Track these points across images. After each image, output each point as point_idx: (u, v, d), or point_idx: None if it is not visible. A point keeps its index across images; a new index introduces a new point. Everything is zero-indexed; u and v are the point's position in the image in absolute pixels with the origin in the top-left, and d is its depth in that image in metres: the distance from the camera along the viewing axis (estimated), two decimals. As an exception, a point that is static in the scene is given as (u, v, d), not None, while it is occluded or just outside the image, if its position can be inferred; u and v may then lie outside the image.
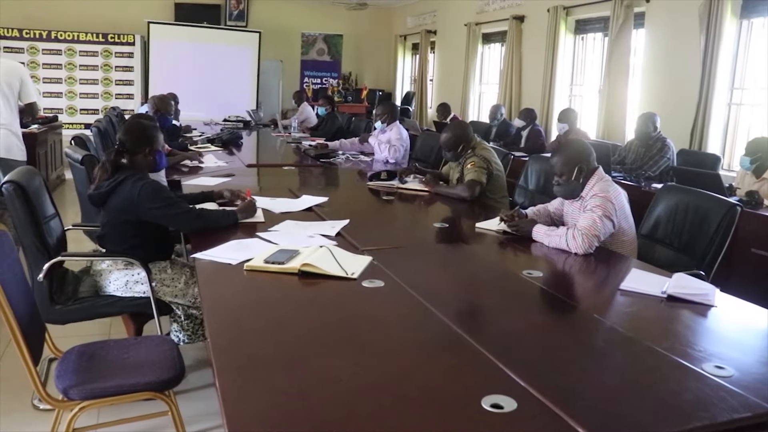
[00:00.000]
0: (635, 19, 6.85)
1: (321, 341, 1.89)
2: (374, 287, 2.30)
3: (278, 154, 6.67)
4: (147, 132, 3.21)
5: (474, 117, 10.21)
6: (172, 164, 4.89)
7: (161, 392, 2.30)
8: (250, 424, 1.41)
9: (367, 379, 1.64)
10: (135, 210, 2.95)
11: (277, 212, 3.39)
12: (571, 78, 8.30)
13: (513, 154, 5.46)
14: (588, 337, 2.06)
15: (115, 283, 3.02)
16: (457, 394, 1.59)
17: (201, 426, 2.87)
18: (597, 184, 3.03)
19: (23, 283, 2.42)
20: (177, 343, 2.66)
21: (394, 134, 5.81)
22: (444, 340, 1.92)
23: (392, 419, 1.46)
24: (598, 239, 2.87)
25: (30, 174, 3.02)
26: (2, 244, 2.24)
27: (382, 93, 13.05)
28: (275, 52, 12.52)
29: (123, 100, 11.33)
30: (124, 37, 11.46)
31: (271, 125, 9.40)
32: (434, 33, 11.79)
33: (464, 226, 3.69)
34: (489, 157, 4.17)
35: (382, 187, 4.32)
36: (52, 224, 3.07)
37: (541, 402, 1.53)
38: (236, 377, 1.62)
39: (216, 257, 2.58)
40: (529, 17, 8.79)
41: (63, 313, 2.96)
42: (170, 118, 6.56)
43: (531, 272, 2.57)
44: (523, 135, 7.51)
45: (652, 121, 5.59)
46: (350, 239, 2.91)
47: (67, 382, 2.23)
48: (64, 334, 2.78)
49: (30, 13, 10.96)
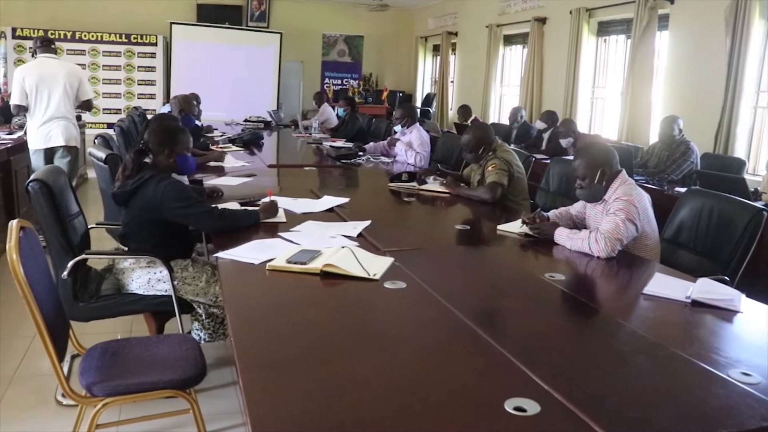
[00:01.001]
0: (659, 21, 6.79)
1: (343, 342, 1.89)
2: (396, 288, 2.29)
3: (299, 155, 6.69)
4: (169, 133, 3.24)
5: (495, 119, 10.18)
6: (199, 164, 4.96)
7: (183, 390, 2.31)
8: (274, 424, 1.42)
9: (389, 381, 1.64)
10: (158, 209, 2.98)
11: (299, 213, 3.40)
12: (593, 80, 8.24)
13: (534, 156, 5.44)
14: (611, 342, 2.04)
15: (137, 281, 3.04)
16: (480, 397, 1.58)
17: (221, 424, 2.89)
18: (620, 188, 3.00)
19: (48, 281, 2.44)
20: (198, 342, 2.67)
21: (414, 137, 5.81)
22: (466, 342, 1.91)
23: (415, 421, 1.46)
24: (620, 243, 2.84)
25: (55, 173, 3.06)
26: (29, 241, 2.26)
27: (402, 94, 13.04)
28: (296, 53, 12.56)
29: (145, 100, 11.43)
30: (146, 38, 11.55)
31: (292, 126, 9.43)
32: (455, 34, 11.76)
33: (485, 228, 3.67)
34: (510, 159, 4.16)
35: (403, 189, 4.32)
36: (76, 223, 3.10)
37: (564, 406, 1.52)
38: (259, 377, 1.62)
39: (238, 257, 2.59)
40: (551, 19, 8.75)
41: (86, 311, 2.99)
42: (193, 119, 6.64)
43: (553, 275, 2.56)
44: (545, 137, 7.47)
45: (675, 124, 5.54)
46: (372, 240, 2.91)
47: (91, 379, 2.25)
48: (86, 331, 2.80)
49: (55, 15, 11.08)
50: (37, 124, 5.38)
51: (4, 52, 10.78)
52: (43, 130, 5.38)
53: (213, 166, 5.10)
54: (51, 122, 5.36)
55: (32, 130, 5.42)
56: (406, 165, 5.58)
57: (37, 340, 3.43)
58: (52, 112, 5.35)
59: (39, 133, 5.39)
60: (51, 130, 5.38)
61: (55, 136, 5.40)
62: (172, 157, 3.16)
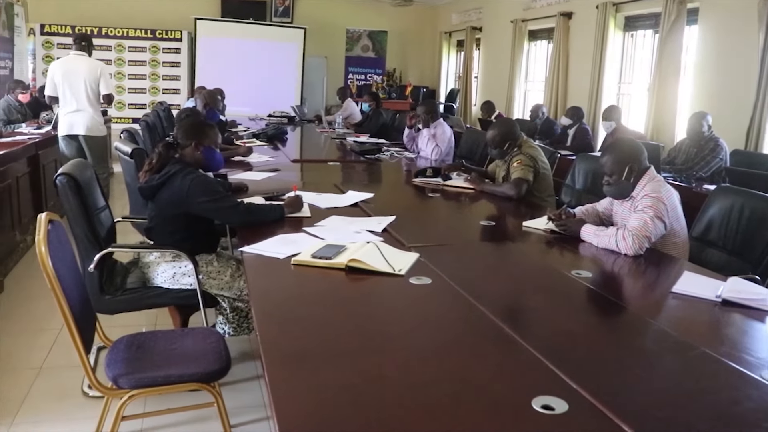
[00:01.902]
0: (688, 15, 6.68)
1: (369, 337, 1.89)
2: (422, 284, 2.28)
3: (323, 150, 6.70)
4: (196, 126, 3.26)
5: (519, 115, 10.10)
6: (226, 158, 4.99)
7: (207, 383, 2.32)
8: (300, 418, 1.42)
9: (416, 376, 1.63)
10: (184, 203, 2.99)
11: (323, 207, 3.40)
12: (619, 76, 8.14)
13: (559, 152, 5.39)
14: (640, 340, 2.02)
15: (162, 275, 3.06)
16: (507, 394, 1.57)
17: (244, 418, 2.90)
18: (648, 184, 2.96)
19: (76, 273, 2.47)
20: (222, 335, 2.68)
21: (438, 132, 5.79)
22: (493, 338, 1.90)
23: (442, 417, 1.45)
24: (648, 240, 2.81)
25: (82, 167, 3.09)
26: (57, 234, 2.28)
27: (426, 90, 13.00)
28: (320, 48, 12.56)
29: (170, 95, 11.50)
30: (171, 33, 11.61)
31: (316, 121, 9.44)
32: (479, 30, 11.69)
33: (511, 224, 3.65)
34: (536, 155, 4.12)
35: (428, 184, 4.30)
36: (102, 216, 3.12)
37: (593, 405, 1.50)
38: (285, 371, 1.62)
39: (263, 251, 2.59)
40: (577, 14, 8.65)
41: (112, 303, 3.01)
42: (218, 114, 6.69)
43: (580, 272, 2.53)
44: (570, 133, 7.41)
45: (704, 120, 5.45)
46: (396, 235, 2.90)
47: (117, 371, 2.27)
48: (111, 323, 2.82)
49: (83, 11, 11.19)
50: (63, 113, 6.01)
51: (33, 48, 10.91)
52: (68, 118, 5.99)
53: (237, 161, 5.12)
54: (75, 113, 5.97)
55: (60, 119, 6.06)
56: (430, 160, 5.57)
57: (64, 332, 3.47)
58: (76, 104, 5.95)
59: (64, 121, 6.01)
60: (74, 120, 5.98)
61: (77, 125, 6.00)
62: (199, 150, 3.17)
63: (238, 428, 2.76)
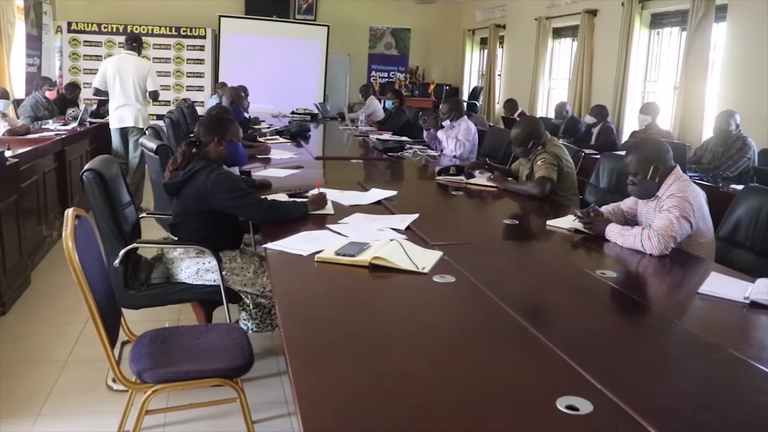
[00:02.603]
0: (716, 12, 6.58)
1: (392, 335, 1.89)
2: (445, 283, 2.28)
3: (345, 148, 6.70)
4: (217, 121, 3.28)
5: (542, 113, 10.03)
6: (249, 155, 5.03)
7: (230, 379, 2.33)
8: (323, 415, 1.42)
9: (439, 375, 1.63)
10: (208, 200, 3.01)
11: (347, 205, 3.41)
12: (644, 74, 8.05)
13: (583, 151, 5.35)
14: (666, 342, 2.00)
15: (186, 271, 3.08)
16: (531, 394, 1.56)
17: (265, 414, 2.91)
18: (674, 184, 2.93)
19: (102, 268, 2.49)
20: (246, 332, 2.69)
21: (462, 128, 5.78)
22: (517, 338, 1.89)
23: (466, 415, 1.44)
24: (674, 240, 2.77)
25: (108, 162, 3.11)
26: (84, 229, 2.31)
27: (449, 88, 12.95)
28: (343, 45, 12.57)
29: (194, 92, 11.58)
30: (195, 31, 11.68)
31: (338, 118, 9.46)
32: (503, 27, 11.63)
33: (534, 223, 3.62)
34: (560, 153, 4.09)
35: (451, 182, 4.29)
36: (127, 212, 3.15)
37: (618, 406, 1.48)
38: (308, 367, 1.63)
39: (287, 248, 2.60)
40: (602, 11, 8.57)
41: (136, 298, 3.04)
42: (243, 111, 6.74)
43: (604, 272, 2.51)
44: (594, 132, 7.34)
45: (732, 119, 5.38)
46: (420, 233, 2.89)
47: (142, 365, 2.29)
48: (135, 318, 2.84)
49: (109, 9, 11.31)
50: (113, 108, 6.55)
51: (59, 46, 11.04)
52: (118, 113, 6.52)
53: (261, 158, 5.14)
54: (123, 107, 6.48)
55: (111, 113, 6.62)
56: (453, 159, 5.55)
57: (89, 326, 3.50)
58: (124, 99, 6.46)
59: (115, 115, 6.55)
60: (123, 114, 6.50)
61: (125, 118, 6.52)
62: (222, 145, 3.19)
63: (260, 424, 2.77)
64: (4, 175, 3.99)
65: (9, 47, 8.15)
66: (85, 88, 10.68)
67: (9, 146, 4.65)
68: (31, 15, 9.12)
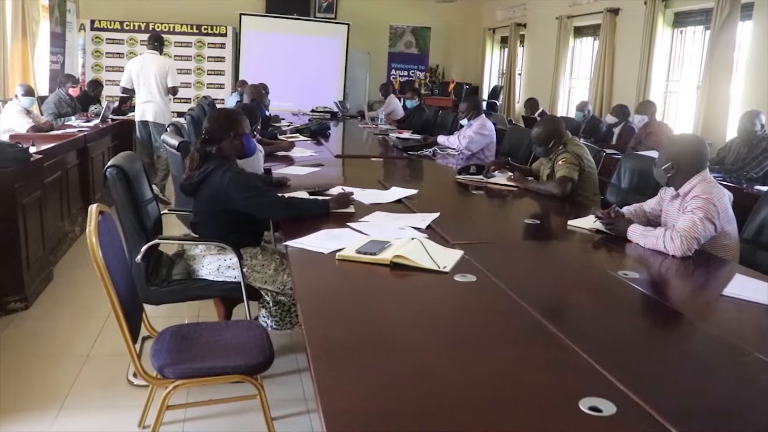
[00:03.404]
0: (742, 10, 6.49)
1: (413, 333, 1.88)
2: (466, 282, 2.27)
3: (365, 146, 6.70)
4: (230, 117, 3.27)
5: (563, 112, 9.97)
6: (268, 153, 5.06)
7: (251, 376, 2.34)
8: (345, 412, 1.42)
9: (461, 374, 1.63)
10: (225, 200, 3.02)
11: (367, 203, 3.40)
12: (667, 73, 7.97)
13: (605, 151, 5.31)
14: (690, 344, 1.98)
15: (207, 268, 3.09)
16: (554, 394, 1.54)
17: (284, 411, 2.91)
18: (700, 185, 2.88)
19: (124, 264, 2.51)
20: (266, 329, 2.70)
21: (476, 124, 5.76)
22: (539, 338, 1.87)
23: (488, 415, 1.44)
24: (697, 242, 2.74)
25: (131, 159, 3.14)
26: (107, 225, 2.32)
27: (469, 87, 12.91)
28: (363, 44, 12.57)
29: (214, 90, 11.63)
30: (216, 29, 11.74)
31: (358, 117, 9.46)
32: (524, 26, 11.57)
33: (555, 223, 3.61)
34: (581, 153, 4.06)
35: (471, 181, 4.27)
36: (149, 208, 3.17)
37: (642, 408, 1.47)
38: (330, 365, 1.63)
39: (308, 246, 2.60)
40: (624, 10, 8.50)
41: (158, 294, 3.06)
42: (264, 109, 6.78)
43: (627, 273, 2.49)
44: (615, 132, 7.29)
45: (757, 119, 5.31)
46: (441, 232, 2.88)
47: (163, 361, 2.30)
48: (153, 314, 2.85)
49: (132, 8, 11.40)
50: (138, 103, 6.99)
51: (82, 44, 11.15)
52: (141, 107, 6.94)
53: (281, 156, 5.16)
54: (146, 103, 6.91)
55: (136, 107, 7.06)
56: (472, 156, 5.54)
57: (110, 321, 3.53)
58: (148, 96, 6.90)
59: (138, 109, 6.99)
60: (145, 108, 6.93)
61: (147, 112, 6.94)
62: (238, 139, 3.19)
63: (278, 421, 2.77)
64: (29, 170, 4.03)
65: (34, 45, 8.24)
66: (107, 85, 10.80)
67: (33, 142, 4.70)
68: (55, 13, 9.22)
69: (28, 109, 6.26)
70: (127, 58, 11.28)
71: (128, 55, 11.33)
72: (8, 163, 3.80)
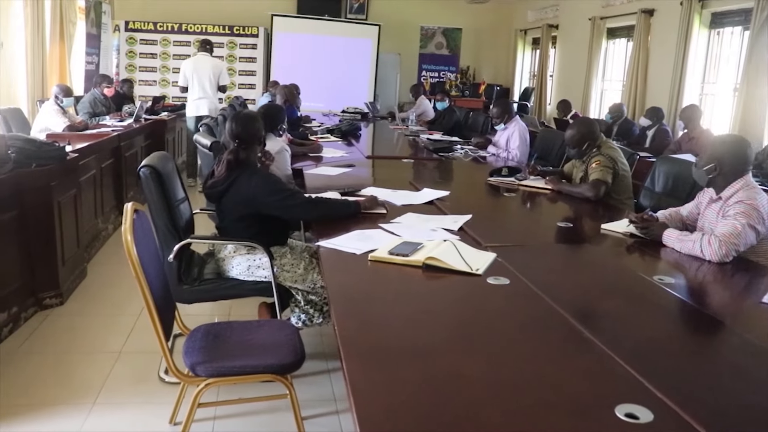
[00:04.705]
0: (783, 10, 6.36)
1: (447, 336, 1.87)
2: (499, 285, 2.25)
3: (396, 147, 6.69)
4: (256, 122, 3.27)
5: (595, 114, 9.86)
6: (300, 153, 5.09)
7: (282, 375, 2.35)
8: (379, 414, 1.41)
9: (493, 377, 1.61)
10: (253, 204, 3.03)
11: (399, 204, 3.40)
12: (703, 75, 7.84)
13: (638, 154, 5.23)
14: (730, 352, 1.93)
15: (237, 268, 3.11)
16: (589, 400, 1.52)
17: (313, 411, 2.92)
18: (743, 190, 2.80)
19: (158, 262, 2.53)
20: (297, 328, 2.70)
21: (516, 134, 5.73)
22: (573, 343, 1.85)
23: (521, 420, 1.42)
24: (736, 249, 2.67)
25: (164, 159, 3.16)
26: (142, 224, 2.35)
27: (500, 88, 12.84)
28: (394, 45, 12.57)
29: (245, 90, 11.72)
30: (248, 30, 11.82)
31: (389, 118, 9.46)
32: (556, 27, 11.48)
33: (588, 226, 3.57)
34: (615, 156, 4.01)
35: (503, 184, 4.24)
36: (182, 207, 3.20)
37: (679, 416, 1.44)
38: (363, 365, 1.62)
39: (340, 246, 2.60)
40: (659, 11, 8.38)
41: (189, 293, 3.08)
42: (296, 109, 6.81)
43: (662, 278, 2.44)
44: (649, 135, 7.18)
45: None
46: (473, 234, 2.86)
47: (195, 359, 2.31)
48: (185, 312, 2.87)
49: (165, 9, 11.54)
50: (191, 99, 7.68)
51: (117, 44, 11.30)
52: (195, 103, 7.64)
53: (312, 156, 5.18)
54: (200, 99, 7.62)
55: (189, 103, 7.73)
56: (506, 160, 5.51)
57: (142, 318, 3.58)
58: (202, 93, 7.60)
59: (193, 105, 7.67)
60: (200, 105, 7.62)
61: (201, 108, 7.60)
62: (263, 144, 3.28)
63: (307, 421, 2.77)
64: (65, 169, 4.09)
65: (70, 46, 8.38)
66: (140, 85, 10.94)
67: (69, 141, 4.77)
68: (91, 14, 9.35)
69: (64, 108, 6.35)
70: (160, 58, 11.48)
71: (161, 55, 11.48)
72: (46, 162, 3.86)
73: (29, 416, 2.83)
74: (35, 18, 7.36)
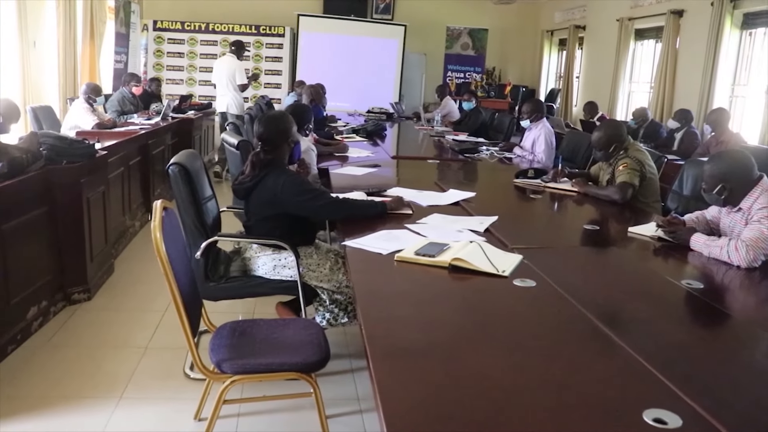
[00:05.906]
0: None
1: (473, 337, 1.87)
2: (526, 287, 2.24)
3: (421, 147, 6.69)
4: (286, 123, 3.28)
5: (622, 117, 9.78)
6: (326, 153, 5.11)
7: (307, 374, 2.36)
8: (405, 414, 1.42)
9: (520, 379, 1.61)
10: (279, 204, 3.05)
11: (425, 205, 3.40)
12: (733, 77, 7.73)
13: (666, 156, 5.17)
14: (759, 357, 1.91)
15: (263, 267, 3.13)
16: (617, 404, 1.51)
17: (336, 410, 2.92)
18: (763, 196, 2.76)
19: (185, 260, 2.55)
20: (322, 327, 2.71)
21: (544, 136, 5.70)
22: (600, 346, 1.84)
23: (547, 422, 1.42)
24: (765, 252, 2.64)
25: (192, 156, 3.19)
26: (170, 221, 2.37)
27: (525, 89, 12.78)
28: (419, 45, 12.57)
29: (271, 89, 11.78)
30: (274, 29, 11.89)
31: (414, 118, 9.45)
32: (583, 28, 11.40)
33: (615, 229, 3.54)
34: (642, 159, 3.97)
35: (529, 185, 4.23)
36: (209, 205, 3.23)
37: (709, 422, 1.43)
38: (389, 365, 1.63)
39: (366, 246, 2.61)
40: (688, 11, 8.28)
41: (215, 290, 3.11)
42: (322, 109, 6.84)
43: (691, 282, 2.42)
44: (677, 137, 7.10)
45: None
46: (499, 236, 2.86)
47: (221, 356, 2.33)
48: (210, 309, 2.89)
49: (193, 8, 11.65)
50: (218, 96, 8.30)
51: (145, 44, 11.43)
52: (218, 100, 8.33)
53: (338, 155, 5.20)
54: (221, 96, 8.25)
55: (217, 100, 8.43)
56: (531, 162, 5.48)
57: (168, 314, 3.61)
58: (222, 90, 8.22)
59: (217, 102, 8.41)
60: (220, 101, 8.27)
61: (219, 104, 8.31)
62: (292, 145, 3.26)
63: (331, 420, 2.78)
64: (94, 166, 4.15)
65: (100, 45, 8.50)
66: (167, 84, 11.04)
67: (98, 139, 4.83)
68: (120, 14, 9.47)
69: (94, 107, 6.43)
70: (188, 57, 11.59)
71: (188, 54, 11.58)
72: (76, 159, 3.91)
73: (59, 408, 2.87)
74: (67, 17, 7.48)
